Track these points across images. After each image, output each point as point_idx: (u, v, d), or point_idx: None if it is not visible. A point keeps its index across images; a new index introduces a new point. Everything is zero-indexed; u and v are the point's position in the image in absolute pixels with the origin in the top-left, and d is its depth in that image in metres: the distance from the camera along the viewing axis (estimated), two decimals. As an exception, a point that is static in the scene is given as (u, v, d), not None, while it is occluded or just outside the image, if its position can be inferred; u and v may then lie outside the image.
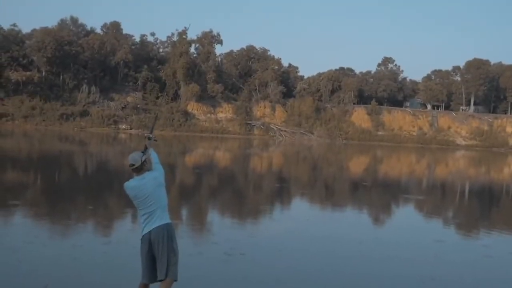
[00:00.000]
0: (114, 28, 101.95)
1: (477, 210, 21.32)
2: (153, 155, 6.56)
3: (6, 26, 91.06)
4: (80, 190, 19.53)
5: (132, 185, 6.25)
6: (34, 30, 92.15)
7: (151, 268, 6.20)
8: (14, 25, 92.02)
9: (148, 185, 6.21)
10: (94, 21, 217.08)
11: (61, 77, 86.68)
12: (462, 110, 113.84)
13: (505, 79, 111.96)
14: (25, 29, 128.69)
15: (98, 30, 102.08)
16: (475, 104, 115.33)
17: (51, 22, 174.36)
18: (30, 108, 79.03)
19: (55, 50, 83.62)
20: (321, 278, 9.03)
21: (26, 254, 9.43)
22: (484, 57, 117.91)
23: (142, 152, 6.39)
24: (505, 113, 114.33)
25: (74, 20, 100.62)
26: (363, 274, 9.48)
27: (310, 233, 13.06)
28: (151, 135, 6.74)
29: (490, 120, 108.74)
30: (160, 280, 6.17)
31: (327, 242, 12.10)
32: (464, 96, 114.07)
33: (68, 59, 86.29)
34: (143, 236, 6.23)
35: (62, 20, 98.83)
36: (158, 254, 6.14)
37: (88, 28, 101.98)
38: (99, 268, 8.81)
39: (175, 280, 6.24)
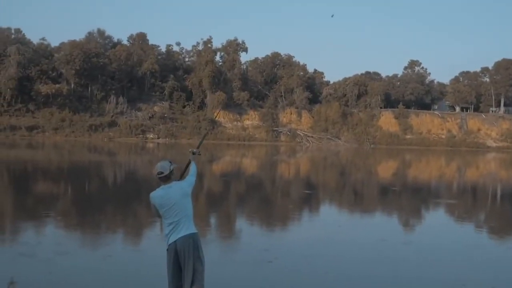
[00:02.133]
0: (140, 39, 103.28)
1: (509, 214, 20.86)
2: (193, 167, 6.68)
3: (35, 40, 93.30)
4: (109, 200, 19.71)
5: (159, 193, 6.27)
6: (62, 44, 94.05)
7: (177, 278, 6.19)
8: (43, 39, 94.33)
9: (175, 194, 6.23)
10: (121, 32, 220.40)
11: (89, 88, 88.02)
12: (492, 111, 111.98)
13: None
14: (54, 42, 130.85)
15: (125, 42, 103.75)
16: (505, 105, 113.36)
17: (78, 35, 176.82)
18: (59, 120, 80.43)
19: (83, 62, 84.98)
20: (352, 284, 8.92)
21: (56, 265, 9.52)
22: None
23: (170, 161, 6.42)
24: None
25: (101, 33, 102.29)
26: (393, 278, 9.34)
27: (340, 239, 12.94)
28: (195, 150, 6.88)
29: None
30: None
31: (357, 247, 11.96)
32: (493, 97, 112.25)
33: (96, 70, 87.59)
34: (169, 246, 6.22)
35: (89, 33, 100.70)
36: (184, 264, 6.13)
37: (115, 39, 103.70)
38: (129, 278, 8.83)
39: None
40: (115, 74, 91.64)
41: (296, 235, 13.80)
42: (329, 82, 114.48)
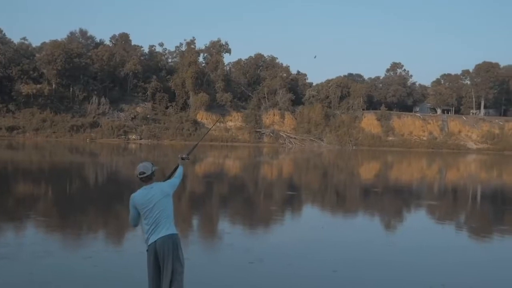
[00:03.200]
0: (123, 39, 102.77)
1: (489, 214, 21.11)
2: (179, 170, 6.77)
3: (16, 40, 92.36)
4: (91, 201, 19.57)
5: (140, 194, 6.28)
6: (44, 43, 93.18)
7: (157, 279, 6.18)
8: (24, 38, 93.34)
9: (156, 195, 6.24)
10: (103, 33, 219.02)
11: (71, 89, 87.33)
12: (473, 113, 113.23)
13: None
14: (35, 42, 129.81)
15: (107, 42, 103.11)
16: (485, 107, 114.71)
17: (60, 35, 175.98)
18: (40, 120, 79.71)
19: (64, 62, 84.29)
20: (338, 284, 8.97)
21: (37, 266, 9.44)
22: (493, 60, 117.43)
23: (151, 163, 6.45)
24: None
25: (83, 33, 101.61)
26: (375, 280, 9.41)
27: (324, 240, 13.00)
28: (184, 156, 7.02)
29: (501, 123, 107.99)
30: None
31: (340, 248, 12.03)
32: (474, 99, 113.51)
33: (78, 71, 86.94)
34: (148, 246, 6.22)
35: (71, 33, 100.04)
36: (163, 264, 6.12)
37: (97, 40, 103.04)
38: (109, 279, 8.80)
39: None
40: (97, 75, 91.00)
41: (278, 237, 13.83)
42: (312, 83, 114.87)
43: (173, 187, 6.54)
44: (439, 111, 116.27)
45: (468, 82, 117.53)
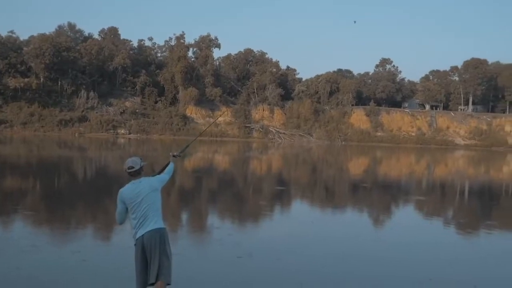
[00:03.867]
0: (111, 33, 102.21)
1: (477, 210, 21.27)
2: (170, 166, 6.84)
3: (3, 33, 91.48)
4: (79, 196, 19.48)
5: (128, 188, 6.28)
6: (31, 37, 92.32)
7: (144, 272, 6.17)
8: (12, 32, 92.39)
9: (144, 189, 6.24)
10: (92, 27, 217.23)
11: (59, 83, 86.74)
12: (461, 110, 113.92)
13: (503, 78, 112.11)
14: (23, 35, 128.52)
15: (96, 36, 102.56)
16: (473, 103, 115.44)
17: (48, 28, 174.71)
18: (28, 114, 79.16)
19: (53, 56, 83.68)
20: (326, 279, 8.99)
21: (24, 261, 9.38)
22: (481, 57, 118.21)
23: (140, 158, 6.45)
24: (504, 112, 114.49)
25: (71, 26, 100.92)
26: (366, 275, 9.45)
27: (313, 235, 13.03)
28: (176, 153, 7.09)
29: (488, 119, 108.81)
30: (152, 284, 6.12)
31: (329, 243, 12.06)
32: (462, 96, 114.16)
33: (66, 65, 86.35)
34: (136, 240, 6.21)
35: (59, 27, 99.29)
36: (150, 258, 6.11)
37: (86, 34, 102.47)
38: (97, 273, 8.75)
39: (168, 284, 6.18)
40: (86, 69, 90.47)
41: (267, 232, 13.85)
42: (302, 79, 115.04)
43: (161, 182, 6.55)
44: (427, 107, 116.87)
45: (457, 79, 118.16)
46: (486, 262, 11.04)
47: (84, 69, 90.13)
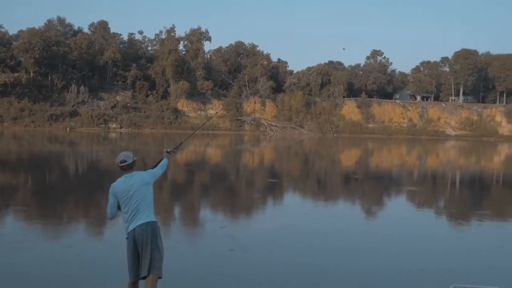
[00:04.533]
0: (101, 27, 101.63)
1: (468, 200, 21.41)
2: (163, 161, 6.86)
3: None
4: (71, 191, 19.43)
5: (120, 182, 6.28)
6: (21, 31, 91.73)
7: (136, 266, 6.18)
8: (1, 26, 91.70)
9: (136, 183, 6.24)
10: (82, 20, 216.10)
11: (49, 77, 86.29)
12: (452, 100, 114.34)
13: (494, 69, 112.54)
14: (12, 30, 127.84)
15: (86, 30, 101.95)
16: (464, 94, 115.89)
17: (38, 23, 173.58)
18: (18, 109, 78.71)
19: (42, 50, 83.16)
20: (318, 272, 9.03)
21: (17, 257, 9.35)
22: (472, 47, 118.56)
23: (133, 152, 6.47)
24: (494, 103, 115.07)
25: (61, 20, 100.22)
26: (358, 267, 9.50)
27: (305, 228, 13.06)
28: (170, 150, 7.11)
29: (479, 110, 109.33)
30: (144, 278, 6.13)
31: (321, 236, 12.09)
32: (453, 86, 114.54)
33: (56, 59, 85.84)
34: (128, 234, 6.22)
35: (49, 21, 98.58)
36: (142, 251, 6.12)
37: (76, 28, 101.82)
38: (90, 268, 8.75)
39: (160, 277, 6.19)
40: (76, 63, 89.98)
41: (260, 224, 13.88)
42: (293, 71, 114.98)
43: (153, 176, 6.56)
44: (418, 98, 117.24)
45: (447, 69, 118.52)
46: (478, 252, 11.12)
47: (74, 64, 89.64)
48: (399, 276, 8.94)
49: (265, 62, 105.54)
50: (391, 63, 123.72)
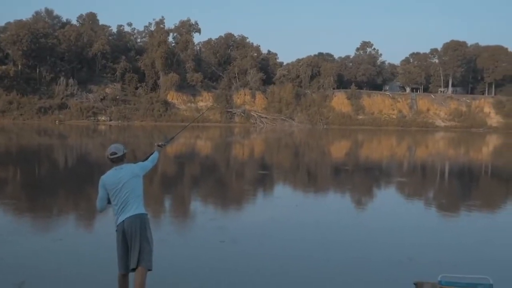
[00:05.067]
0: (90, 19, 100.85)
1: (457, 191, 21.56)
2: (154, 154, 6.88)
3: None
4: (60, 184, 19.35)
5: (109, 174, 6.27)
6: (8, 23, 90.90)
7: (126, 258, 6.17)
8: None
9: (125, 175, 6.23)
10: (70, 12, 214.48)
11: (37, 70, 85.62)
12: (441, 92, 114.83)
13: (482, 60, 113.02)
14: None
15: (74, 22, 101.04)
16: (453, 85, 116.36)
17: (25, 14, 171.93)
18: (6, 102, 78.11)
19: (30, 43, 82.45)
20: (308, 264, 9.06)
21: (6, 249, 9.32)
22: (461, 39, 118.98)
23: (123, 145, 6.44)
24: (483, 94, 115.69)
25: (49, 12, 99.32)
26: (347, 259, 9.55)
27: (296, 220, 13.09)
28: (161, 143, 7.12)
29: (468, 101, 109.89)
30: (133, 270, 6.12)
31: (311, 228, 12.12)
32: (442, 78, 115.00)
33: (44, 51, 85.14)
34: (117, 226, 6.21)
35: (37, 13, 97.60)
36: (131, 243, 6.11)
37: (64, 19, 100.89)
38: (80, 261, 8.73)
39: (149, 270, 6.19)
40: (65, 55, 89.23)
41: (250, 216, 13.90)
42: (283, 63, 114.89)
43: (143, 169, 6.54)
44: (408, 89, 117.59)
45: (437, 61, 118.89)
46: (467, 243, 11.20)
47: (62, 56, 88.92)
48: (389, 266, 8.99)
49: (255, 54, 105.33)
50: (381, 54, 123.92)
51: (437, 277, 6.18)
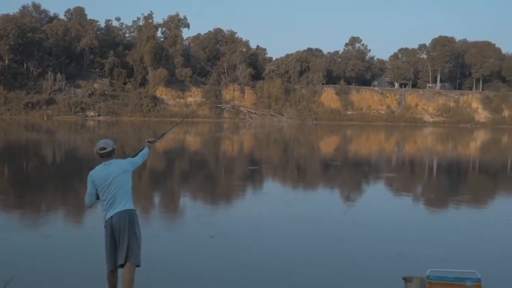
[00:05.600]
0: (78, 13, 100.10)
1: (445, 186, 21.71)
2: (144, 150, 6.84)
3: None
4: (48, 179, 19.25)
5: (98, 169, 6.25)
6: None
7: (114, 254, 6.15)
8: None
9: (114, 171, 6.19)
10: (57, 7, 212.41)
11: (25, 65, 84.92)
12: (429, 87, 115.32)
13: (470, 56, 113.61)
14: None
15: (62, 16, 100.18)
16: (441, 81, 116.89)
17: (12, 9, 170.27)
18: (-7, 97, 77.39)
19: (17, 37, 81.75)
20: (297, 258, 9.09)
21: (-6, 246, 9.27)
22: (449, 34, 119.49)
23: (112, 141, 6.41)
24: (471, 89, 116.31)
25: (36, 6, 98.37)
26: (337, 254, 9.59)
27: (285, 215, 13.11)
28: (151, 139, 7.10)
29: (456, 96, 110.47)
30: (121, 266, 6.11)
31: (300, 223, 12.15)
32: (430, 73, 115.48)
33: (32, 46, 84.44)
34: (105, 221, 6.18)
35: (24, 7, 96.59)
36: (119, 239, 6.09)
37: (51, 14, 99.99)
38: (68, 257, 8.69)
39: (138, 266, 6.17)
40: (52, 50, 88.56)
41: (241, 211, 13.91)
42: (272, 58, 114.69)
43: (132, 165, 6.51)
44: (396, 85, 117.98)
45: (425, 56, 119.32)
46: (455, 237, 11.26)
47: (50, 51, 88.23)
48: (378, 261, 9.03)
49: (244, 49, 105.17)
50: (370, 50, 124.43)
51: (426, 272, 6.22)
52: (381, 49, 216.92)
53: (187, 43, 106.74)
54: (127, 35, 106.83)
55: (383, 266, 8.75)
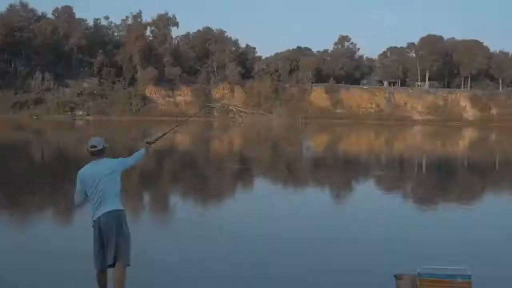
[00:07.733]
0: (66, 12, 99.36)
1: (434, 184, 21.79)
2: (139, 152, 6.70)
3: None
4: (37, 180, 19.11)
5: (87, 168, 6.17)
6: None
7: (102, 254, 6.09)
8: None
9: (102, 170, 6.11)
10: (45, 6, 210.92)
11: (12, 64, 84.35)
12: (418, 86, 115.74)
13: (458, 54, 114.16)
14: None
15: (50, 15, 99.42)
16: (430, 79, 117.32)
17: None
18: (-19, 97, 76.80)
19: (5, 36, 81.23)
20: (286, 257, 9.08)
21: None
22: (437, 33, 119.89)
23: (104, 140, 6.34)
24: (459, 88, 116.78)
25: (24, 5, 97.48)
26: (326, 252, 9.59)
27: (274, 214, 13.10)
28: (148, 140, 6.94)
29: (444, 95, 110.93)
30: (110, 266, 6.06)
31: (290, 222, 12.14)
32: (419, 72, 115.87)
33: (20, 45, 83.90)
34: (94, 222, 6.13)
35: (11, 6, 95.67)
36: (107, 240, 6.03)
37: (39, 13, 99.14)
38: (57, 257, 8.63)
39: (128, 265, 6.12)
40: (40, 49, 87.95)
41: (230, 210, 13.90)
42: (261, 57, 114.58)
43: (122, 165, 6.40)
44: (385, 83, 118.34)
45: (414, 55, 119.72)
46: (445, 234, 11.28)
47: (38, 50, 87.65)
48: (369, 259, 9.04)
49: (233, 48, 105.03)
50: (359, 48, 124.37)
51: (417, 269, 6.23)
52: (370, 47, 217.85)
53: (176, 42, 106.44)
54: (116, 34, 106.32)
55: (374, 264, 8.75)
